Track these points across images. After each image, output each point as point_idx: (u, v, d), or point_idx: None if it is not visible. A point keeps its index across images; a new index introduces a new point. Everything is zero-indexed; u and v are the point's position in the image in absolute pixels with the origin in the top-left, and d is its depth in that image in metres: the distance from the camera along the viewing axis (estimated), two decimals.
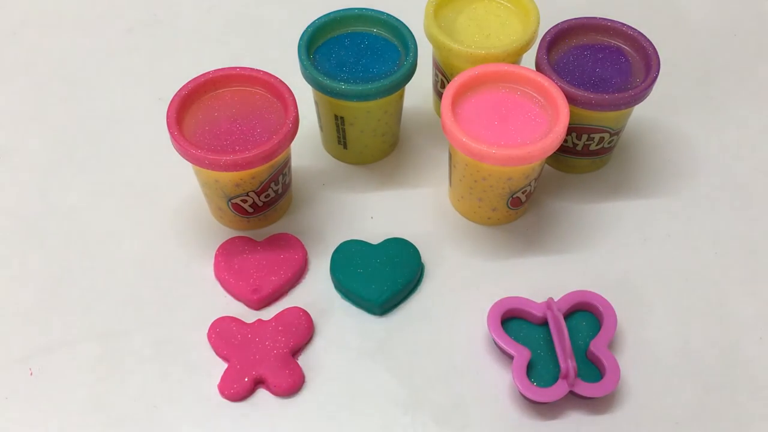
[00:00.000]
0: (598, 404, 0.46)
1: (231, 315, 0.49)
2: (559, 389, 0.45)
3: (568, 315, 0.48)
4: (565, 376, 0.45)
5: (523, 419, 0.45)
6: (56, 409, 0.46)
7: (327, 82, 0.50)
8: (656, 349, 0.48)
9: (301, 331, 0.48)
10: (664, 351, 0.48)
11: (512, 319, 0.48)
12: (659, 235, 0.54)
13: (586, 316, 0.48)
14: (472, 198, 0.52)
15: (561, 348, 0.45)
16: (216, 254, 0.51)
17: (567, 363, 0.44)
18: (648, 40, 0.53)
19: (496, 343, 0.47)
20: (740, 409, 0.46)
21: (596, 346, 0.46)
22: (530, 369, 0.46)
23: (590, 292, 0.48)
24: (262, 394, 0.46)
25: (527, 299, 0.48)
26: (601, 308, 0.47)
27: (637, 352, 0.48)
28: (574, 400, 0.46)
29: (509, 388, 0.46)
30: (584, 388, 0.45)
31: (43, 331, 0.49)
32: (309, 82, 0.52)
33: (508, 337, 0.46)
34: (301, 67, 0.52)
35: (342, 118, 0.53)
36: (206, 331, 0.48)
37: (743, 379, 0.47)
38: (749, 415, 0.46)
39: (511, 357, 0.46)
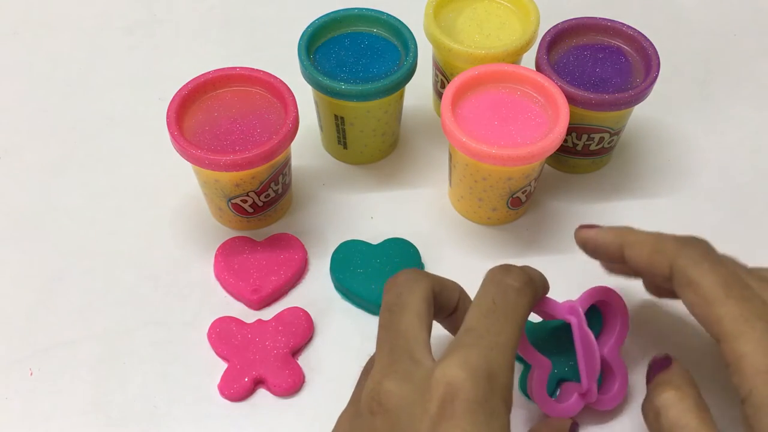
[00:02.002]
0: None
1: (231, 315, 0.49)
2: (576, 405, 0.43)
3: None
4: (584, 395, 0.43)
5: (523, 419, 0.45)
6: (56, 409, 0.46)
7: (327, 82, 0.50)
8: (656, 348, 0.48)
9: (301, 331, 0.48)
10: (664, 351, 0.48)
11: None
12: None
13: (592, 312, 0.48)
14: (472, 198, 0.52)
15: (587, 365, 0.42)
16: (216, 254, 0.51)
17: (591, 384, 0.42)
18: (648, 40, 0.53)
19: None
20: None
21: (610, 352, 0.44)
22: (530, 369, 0.46)
23: (609, 289, 0.45)
24: (262, 394, 0.46)
25: (549, 298, 0.43)
26: (616, 308, 0.45)
27: (638, 352, 0.48)
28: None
29: None
30: (598, 402, 0.43)
31: (43, 331, 0.49)
32: (309, 82, 0.52)
33: (529, 346, 0.42)
34: (301, 67, 0.52)
35: (342, 118, 0.53)
36: (206, 331, 0.48)
37: None
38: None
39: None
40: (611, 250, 0.41)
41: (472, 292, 0.50)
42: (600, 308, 0.46)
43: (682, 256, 0.37)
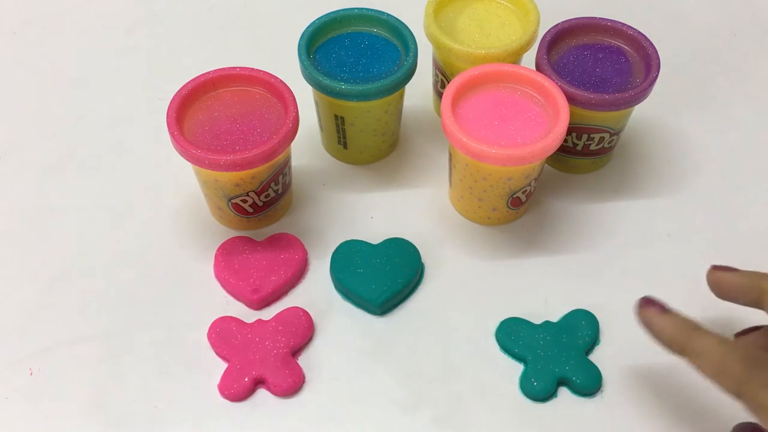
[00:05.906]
0: (599, 404, 0.46)
1: (231, 315, 0.49)
2: None
3: (567, 314, 0.48)
4: None
5: (523, 419, 0.45)
6: (56, 409, 0.46)
7: (327, 82, 0.50)
8: (656, 348, 0.48)
9: (301, 331, 0.48)
10: (664, 350, 0.48)
11: (512, 319, 0.48)
12: (659, 235, 0.54)
13: (586, 315, 0.48)
14: (472, 198, 0.52)
15: None
16: (216, 254, 0.51)
17: None
18: (648, 40, 0.53)
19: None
20: (739, 409, 0.46)
21: None
22: (530, 369, 0.46)
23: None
24: (262, 394, 0.46)
25: None
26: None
27: (637, 352, 0.48)
28: (574, 400, 0.46)
29: (509, 388, 0.46)
30: None
31: (43, 331, 0.49)
32: (309, 82, 0.52)
33: None
34: (301, 67, 0.52)
35: (342, 118, 0.53)
36: (206, 331, 0.48)
37: None
38: (748, 414, 0.46)
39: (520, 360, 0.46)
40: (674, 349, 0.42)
41: (470, 291, 0.51)
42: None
43: (750, 382, 0.37)
